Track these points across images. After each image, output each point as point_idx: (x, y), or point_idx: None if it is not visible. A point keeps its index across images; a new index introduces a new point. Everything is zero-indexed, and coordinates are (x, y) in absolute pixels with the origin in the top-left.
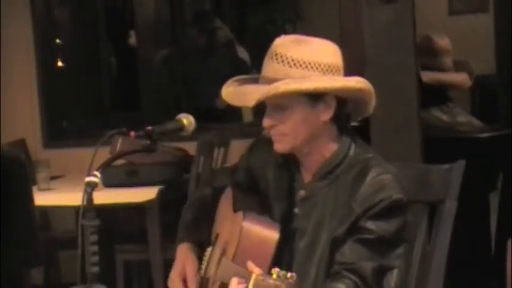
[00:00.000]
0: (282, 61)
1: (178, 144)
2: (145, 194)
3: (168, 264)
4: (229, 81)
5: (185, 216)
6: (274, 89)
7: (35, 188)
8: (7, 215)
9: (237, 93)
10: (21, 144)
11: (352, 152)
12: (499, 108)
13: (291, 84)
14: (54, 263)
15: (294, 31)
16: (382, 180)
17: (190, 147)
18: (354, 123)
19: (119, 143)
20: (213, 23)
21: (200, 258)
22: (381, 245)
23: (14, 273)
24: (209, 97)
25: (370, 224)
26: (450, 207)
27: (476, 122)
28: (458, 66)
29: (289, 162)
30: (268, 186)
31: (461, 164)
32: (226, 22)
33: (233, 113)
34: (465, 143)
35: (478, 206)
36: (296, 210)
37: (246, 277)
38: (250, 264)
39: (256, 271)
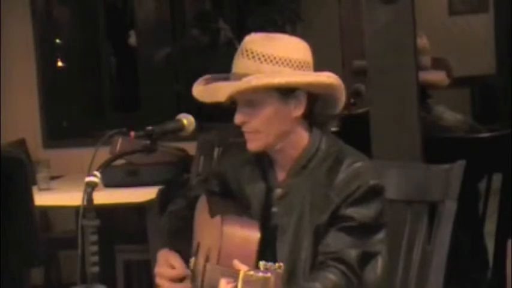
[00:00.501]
0: (253, 57)
1: (178, 144)
2: (145, 194)
3: None
4: (200, 80)
5: (162, 227)
6: (245, 83)
7: (35, 188)
8: (7, 215)
9: (208, 90)
10: (21, 144)
11: (323, 145)
12: (499, 108)
13: (262, 79)
14: (54, 263)
15: (294, 31)
16: (357, 167)
17: (190, 147)
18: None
19: (119, 143)
20: (216, 23)
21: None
22: (363, 231)
23: (14, 273)
24: None
25: (350, 212)
26: (450, 207)
27: (458, 116)
28: (437, 65)
29: (262, 162)
30: (242, 188)
31: (461, 164)
32: (227, 22)
33: (233, 113)
34: (464, 143)
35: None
36: (274, 209)
37: (233, 276)
38: (236, 263)
39: (243, 268)
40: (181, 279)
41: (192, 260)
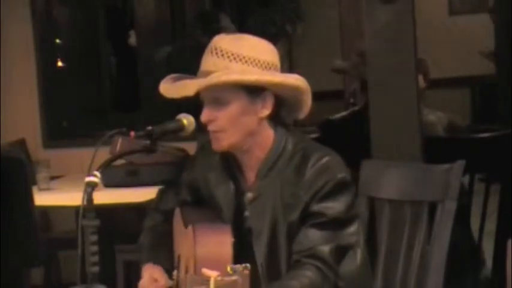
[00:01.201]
0: (222, 55)
1: (178, 144)
2: (145, 194)
3: None
4: (167, 78)
5: (142, 242)
6: (215, 77)
7: (35, 188)
8: (7, 215)
9: (176, 86)
10: (21, 144)
11: (289, 144)
12: (499, 108)
13: (232, 75)
14: (54, 263)
15: (294, 31)
16: (323, 163)
17: (190, 147)
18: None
19: (119, 143)
20: (217, 23)
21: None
22: (334, 226)
23: (14, 273)
24: None
25: (320, 208)
26: (450, 207)
27: (438, 113)
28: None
29: (230, 165)
30: (212, 193)
31: (461, 164)
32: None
33: None
34: (464, 143)
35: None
36: (246, 213)
37: (205, 283)
38: (205, 270)
39: (213, 274)
40: None
41: (175, 273)
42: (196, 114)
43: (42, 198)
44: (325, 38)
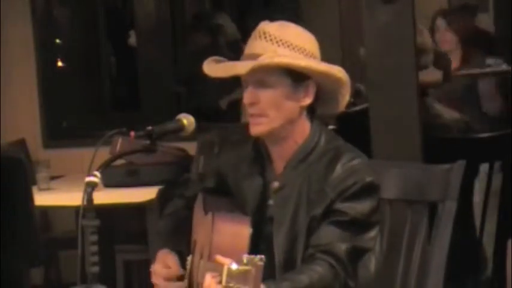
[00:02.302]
0: (271, 40)
1: (178, 144)
2: (145, 194)
3: None
4: (209, 59)
5: (161, 228)
6: (268, 58)
7: (35, 188)
8: (7, 215)
9: (223, 66)
10: (21, 144)
11: (322, 140)
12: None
13: (284, 58)
14: (54, 263)
15: None
16: (354, 165)
17: (190, 147)
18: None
19: (119, 143)
20: (216, 20)
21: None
22: (354, 226)
23: (14, 273)
24: (210, 97)
25: (343, 207)
26: (450, 207)
27: (456, 114)
28: (437, 61)
29: (261, 157)
30: (240, 184)
31: (461, 164)
32: (230, 20)
33: (233, 113)
34: (464, 143)
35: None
36: (271, 201)
37: (218, 270)
38: (219, 257)
39: (226, 262)
40: (178, 279)
41: (189, 257)
42: (197, 115)
43: (42, 198)
44: (325, 38)
